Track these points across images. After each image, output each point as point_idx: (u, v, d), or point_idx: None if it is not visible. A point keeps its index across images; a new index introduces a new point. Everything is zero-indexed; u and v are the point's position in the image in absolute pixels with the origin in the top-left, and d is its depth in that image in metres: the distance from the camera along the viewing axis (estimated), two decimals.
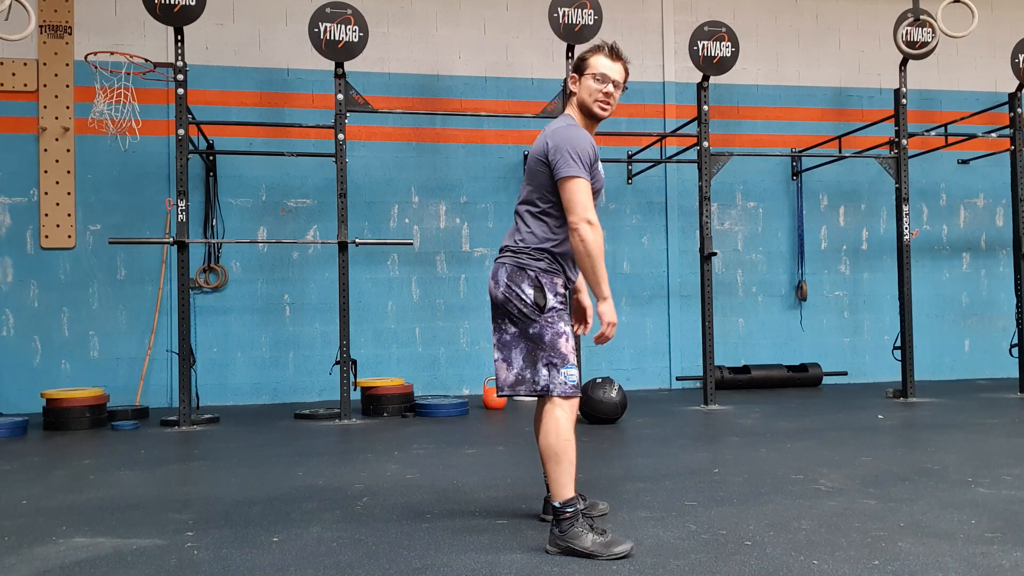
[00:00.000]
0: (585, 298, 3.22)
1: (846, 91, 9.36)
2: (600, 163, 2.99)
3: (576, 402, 2.93)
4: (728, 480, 3.98)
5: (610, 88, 2.96)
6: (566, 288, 3.00)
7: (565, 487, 2.83)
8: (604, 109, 2.98)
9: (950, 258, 9.53)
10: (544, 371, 2.89)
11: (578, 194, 2.83)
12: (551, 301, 2.90)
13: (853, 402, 7.28)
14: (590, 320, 3.24)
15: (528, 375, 2.92)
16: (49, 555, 2.91)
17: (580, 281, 3.19)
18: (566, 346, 2.89)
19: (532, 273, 2.92)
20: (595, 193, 2.96)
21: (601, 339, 2.91)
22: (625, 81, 3.03)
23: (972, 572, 2.56)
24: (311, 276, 8.21)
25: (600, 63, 2.97)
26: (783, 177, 9.22)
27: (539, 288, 2.90)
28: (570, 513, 2.79)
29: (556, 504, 2.83)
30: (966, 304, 9.53)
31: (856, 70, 9.40)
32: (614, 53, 3.00)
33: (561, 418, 2.87)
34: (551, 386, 2.88)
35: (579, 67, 3.01)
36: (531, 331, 2.90)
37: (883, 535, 2.96)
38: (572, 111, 3.04)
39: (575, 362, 2.92)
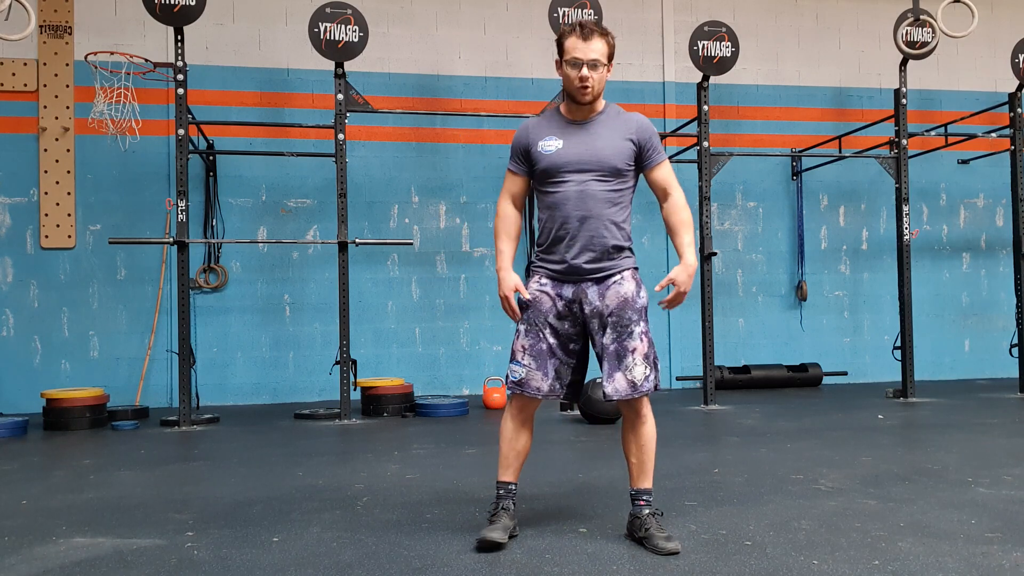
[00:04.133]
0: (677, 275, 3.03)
1: (846, 91, 9.36)
2: (548, 141, 2.93)
3: (516, 398, 3.01)
4: (728, 480, 3.98)
5: (584, 72, 2.85)
6: (552, 278, 2.96)
7: (498, 471, 3.06)
8: (584, 94, 2.89)
9: (950, 258, 9.53)
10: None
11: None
12: (520, 299, 3.04)
13: (853, 402, 7.27)
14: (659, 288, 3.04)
15: None
16: (49, 555, 2.91)
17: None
18: (515, 343, 3.00)
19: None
20: (549, 172, 2.92)
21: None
22: (610, 63, 2.91)
23: (972, 572, 2.56)
24: (311, 276, 8.21)
25: (571, 46, 2.87)
26: (783, 177, 9.22)
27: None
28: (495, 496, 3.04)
29: None
30: (966, 304, 9.53)
31: (856, 70, 9.39)
32: (585, 31, 2.85)
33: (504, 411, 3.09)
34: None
35: (559, 51, 2.94)
36: None
37: (883, 535, 2.96)
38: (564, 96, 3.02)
39: (520, 359, 2.97)
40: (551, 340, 2.95)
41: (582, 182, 2.91)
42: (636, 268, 3.02)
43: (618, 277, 2.94)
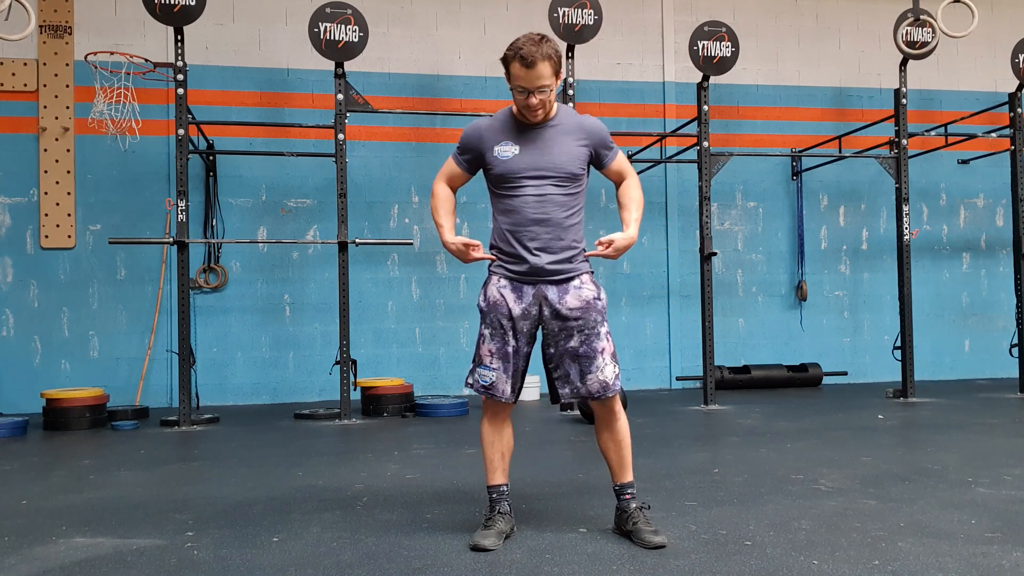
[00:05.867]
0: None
1: (846, 91, 9.36)
2: (504, 147, 2.94)
3: (489, 403, 3.04)
4: (728, 480, 3.98)
5: (532, 100, 2.83)
6: (511, 279, 2.96)
7: (485, 475, 3.10)
8: (534, 118, 2.91)
9: (950, 258, 9.53)
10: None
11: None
12: (480, 303, 3.05)
13: (853, 402, 7.27)
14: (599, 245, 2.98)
15: None
16: (49, 555, 2.91)
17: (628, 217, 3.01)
18: (481, 348, 3.01)
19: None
20: (505, 178, 2.95)
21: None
22: (557, 76, 2.83)
23: (972, 572, 2.56)
24: (311, 276, 8.21)
25: (516, 74, 2.82)
26: (783, 177, 9.22)
27: (482, 290, 3.06)
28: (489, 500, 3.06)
29: None
30: (966, 304, 9.53)
31: (856, 70, 9.39)
32: (527, 61, 2.77)
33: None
34: None
35: (506, 72, 2.87)
36: None
37: (883, 535, 2.96)
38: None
39: (489, 364, 2.98)
40: (514, 343, 2.97)
41: (540, 187, 2.93)
42: (592, 272, 3.02)
43: (577, 281, 2.96)
